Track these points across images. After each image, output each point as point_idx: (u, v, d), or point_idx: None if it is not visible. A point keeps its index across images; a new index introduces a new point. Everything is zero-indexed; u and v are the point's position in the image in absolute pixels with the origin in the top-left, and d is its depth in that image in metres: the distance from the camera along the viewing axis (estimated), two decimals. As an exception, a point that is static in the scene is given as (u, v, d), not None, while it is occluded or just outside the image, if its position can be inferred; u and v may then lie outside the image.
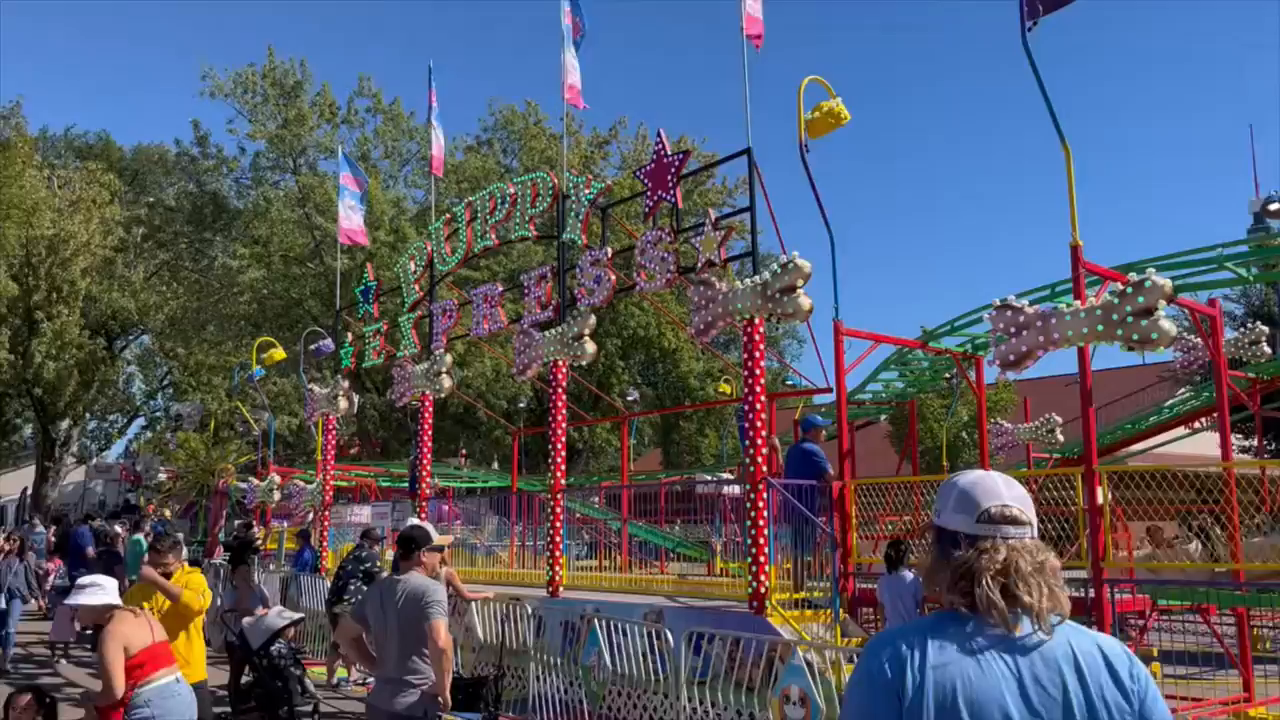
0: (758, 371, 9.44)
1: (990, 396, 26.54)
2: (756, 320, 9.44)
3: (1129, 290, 7.80)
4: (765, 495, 9.16)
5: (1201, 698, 9.15)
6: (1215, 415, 24.33)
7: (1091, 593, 8.14)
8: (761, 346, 9.52)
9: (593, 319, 11.52)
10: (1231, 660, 9.49)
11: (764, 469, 9.26)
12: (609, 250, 11.44)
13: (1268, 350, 17.96)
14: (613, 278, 11.29)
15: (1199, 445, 26.35)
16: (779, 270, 9.15)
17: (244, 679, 10.11)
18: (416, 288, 15.07)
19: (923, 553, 9.61)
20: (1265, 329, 18.14)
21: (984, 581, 1.91)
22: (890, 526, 11.97)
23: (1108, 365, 27.20)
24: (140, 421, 47.22)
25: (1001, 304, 8.64)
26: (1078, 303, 8.22)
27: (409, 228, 31.02)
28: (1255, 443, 23.38)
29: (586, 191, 11.84)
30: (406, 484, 18.48)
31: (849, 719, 1.98)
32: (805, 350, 43.94)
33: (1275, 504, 13.64)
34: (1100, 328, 7.90)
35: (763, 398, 9.41)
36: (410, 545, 5.63)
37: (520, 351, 12.38)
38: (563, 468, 11.86)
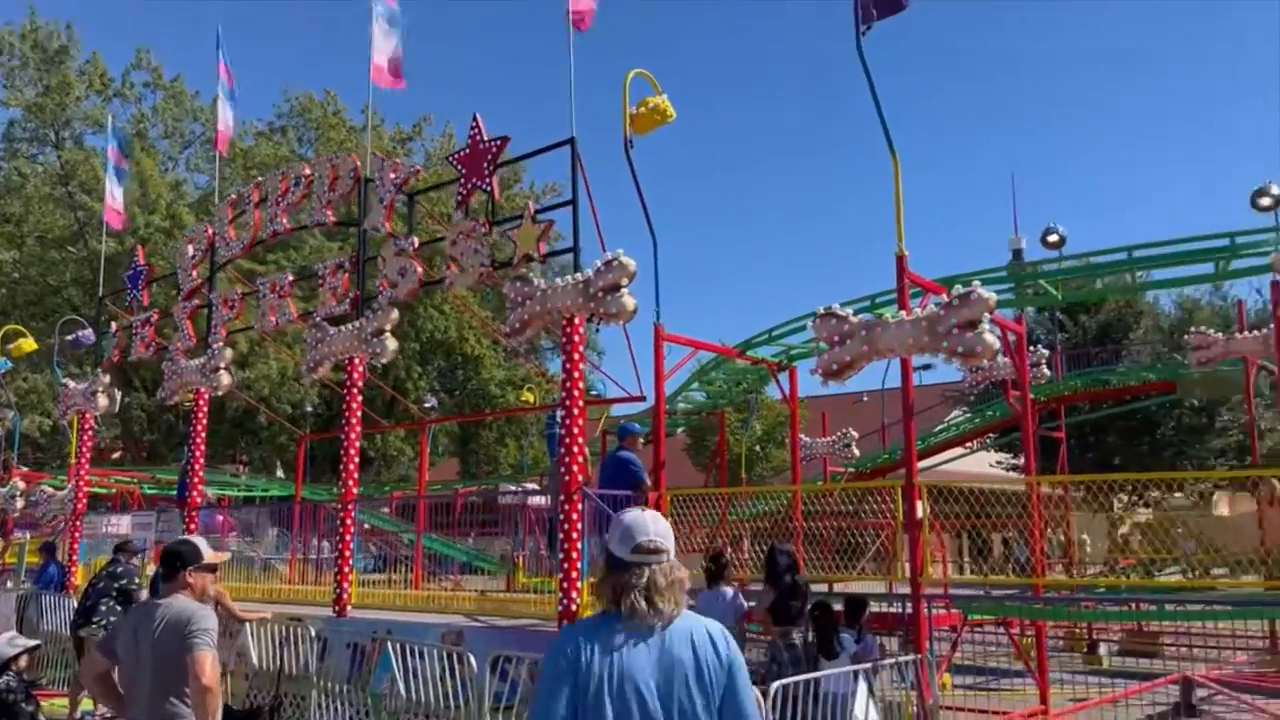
0: (576, 374, 8.85)
1: (785, 410, 27.14)
2: (577, 320, 8.87)
3: (954, 302, 7.76)
4: (580, 506, 8.59)
5: (1004, 711, 9.27)
6: (990, 435, 25.94)
7: (909, 608, 8.02)
8: (581, 348, 8.95)
9: (395, 314, 10.61)
10: (1030, 671, 9.69)
11: (580, 478, 8.68)
12: (415, 240, 10.57)
13: (1046, 372, 19.10)
14: (419, 270, 10.44)
15: (975, 463, 27.96)
16: (603, 267, 8.62)
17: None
18: (194, 274, 13.61)
19: (738, 567, 9.32)
20: (1045, 352, 19.31)
21: (633, 595, 2.78)
22: (700, 540, 11.68)
23: (894, 384, 28.40)
24: None
25: (825, 312, 8.46)
26: (902, 313, 8.14)
27: (188, 214, 28.59)
28: (1024, 461, 24.84)
29: (393, 176, 10.93)
30: (175, 491, 16.72)
31: (543, 685, 2.79)
32: (609, 362, 43.83)
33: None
34: (925, 339, 7.82)
35: (581, 402, 8.84)
36: (175, 562, 4.68)
37: (312, 347, 11.28)
38: (355, 475, 10.85)
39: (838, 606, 7.85)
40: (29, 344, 20.24)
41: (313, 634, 9.30)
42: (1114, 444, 28.69)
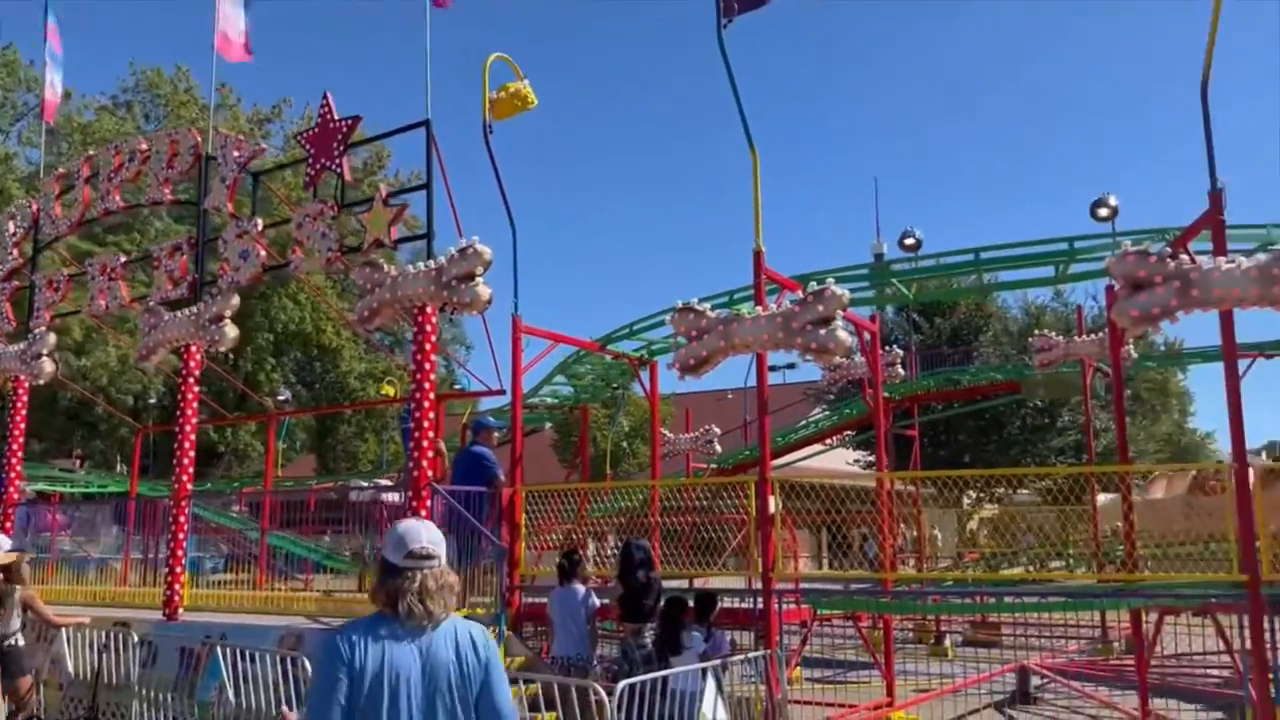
0: (427, 365, 8.53)
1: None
2: (429, 309, 8.54)
3: (808, 299, 7.78)
4: (429, 502, 8.27)
5: (852, 704, 9.39)
6: (847, 433, 26.59)
7: (760, 603, 8.01)
8: (433, 338, 8.62)
9: (236, 299, 10.04)
10: (877, 664, 9.86)
11: (429, 473, 8.37)
12: (259, 222, 10.01)
13: (901, 372, 19.64)
14: (263, 253, 9.89)
15: (833, 460, 28.63)
16: (457, 255, 8.32)
17: None
18: (15, 253, 12.60)
19: (600, 563, 9.16)
20: (900, 352, 19.85)
21: (407, 599, 3.01)
22: (557, 537, 11.48)
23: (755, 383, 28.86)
24: None
25: (684, 307, 8.37)
26: (759, 309, 8.12)
27: (17, 189, 26.64)
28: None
29: (236, 154, 10.33)
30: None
31: (318, 685, 2.95)
32: (473, 355, 43.13)
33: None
34: (780, 335, 7.81)
35: (431, 394, 8.51)
36: None
37: (145, 333, 10.58)
38: (190, 469, 10.22)
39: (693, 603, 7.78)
40: None
41: (135, 639, 8.68)
42: (964, 442, 29.84)
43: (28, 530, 13.07)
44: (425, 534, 3.12)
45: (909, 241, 20.58)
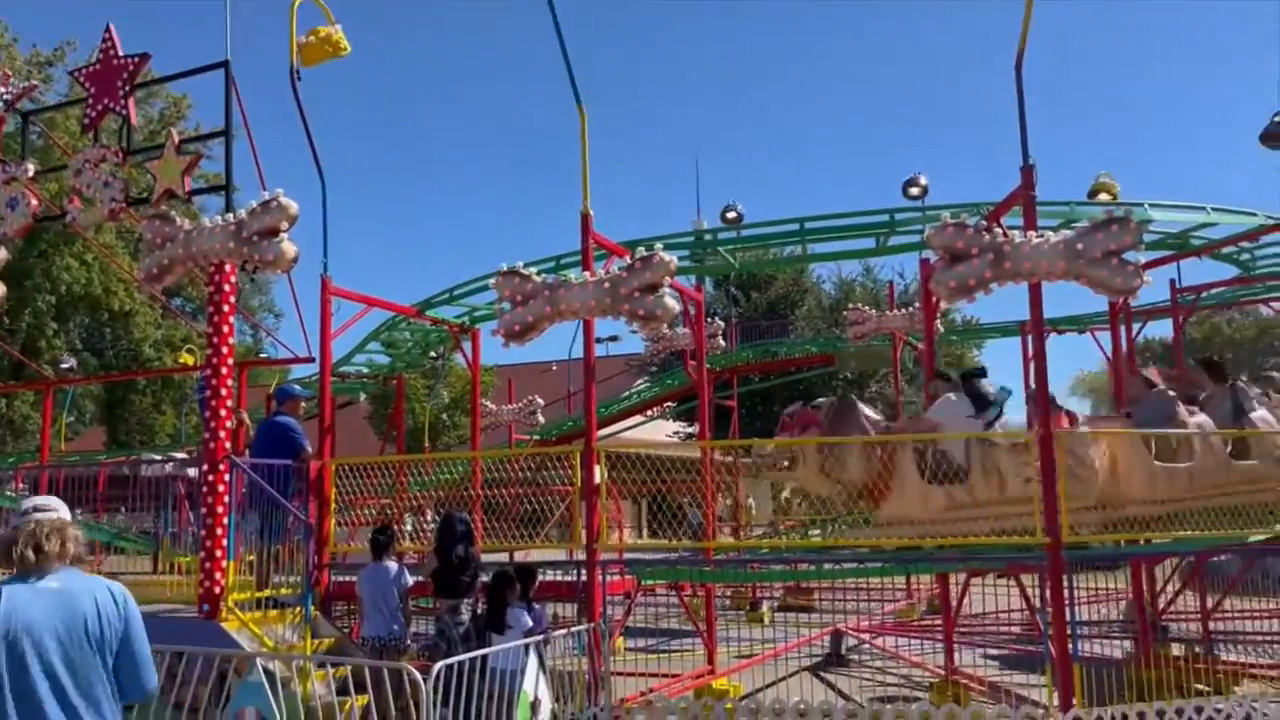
0: (225, 328, 7.84)
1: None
2: (228, 266, 7.84)
3: (636, 265, 7.60)
4: (227, 476, 7.63)
5: (675, 673, 9.36)
6: (669, 404, 26.86)
7: (584, 575, 7.82)
8: (232, 299, 7.93)
9: (3, 253, 8.98)
10: (699, 632, 9.87)
11: (226, 445, 7.71)
12: (30, 167, 8.97)
13: (721, 343, 19.89)
14: (35, 202, 8.87)
15: (654, 431, 28.87)
16: (258, 208, 7.66)
17: None
18: None
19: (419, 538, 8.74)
20: (721, 323, 20.10)
21: (19, 545, 3.20)
22: (371, 512, 10.95)
23: (580, 354, 28.75)
24: None
25: (508, 270, 8.03)
26: (586, 274, 7.88)
27: None
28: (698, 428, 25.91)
29: (2, 90, 9.21)
30: None
31: None
32: (282, 324, 41.14)
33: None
34: (608, 300, 7.61)
35: (230, 359, 7.83)
36: None
37: (-108, 288, 9.33)
38: (-52, 443, 9.12)
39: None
40: None
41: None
42: (779, 412, 30.69)
43: None
44: (40, 498, 3.53)
45: (731, 215, 20.75)
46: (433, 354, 18.07)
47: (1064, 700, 6.91)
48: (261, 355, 27.21)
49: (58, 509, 3.37)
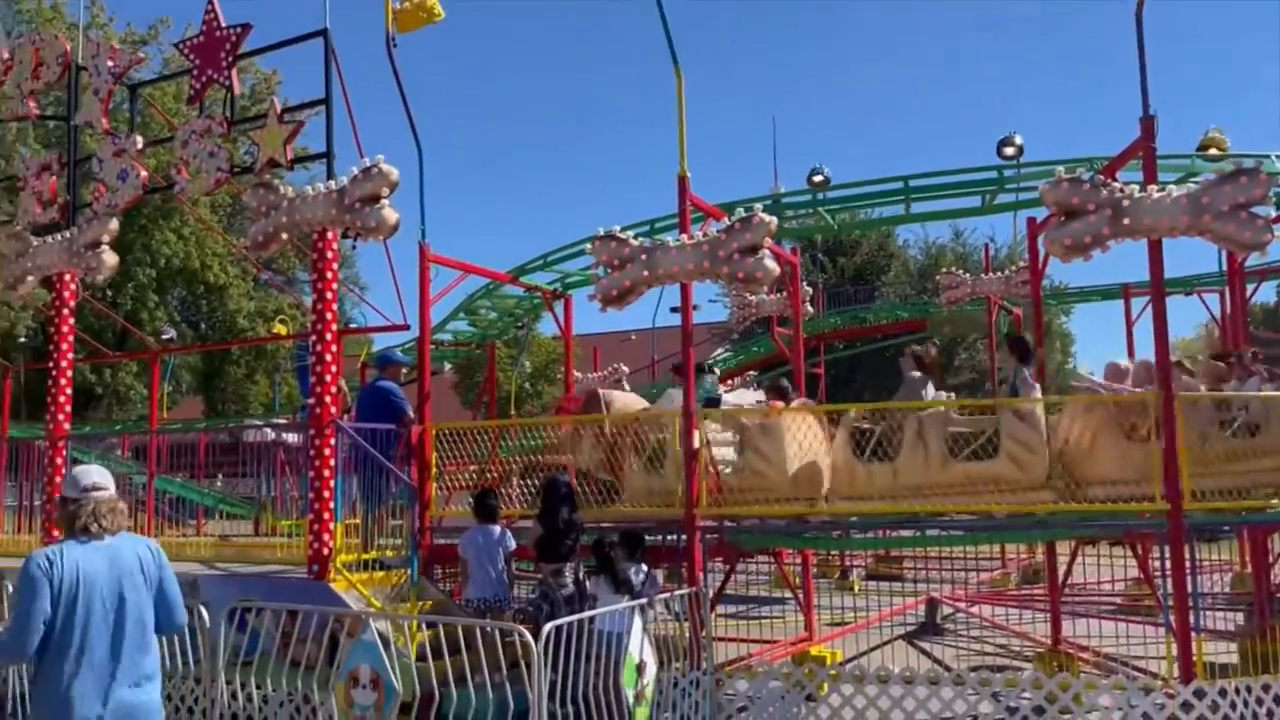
0: (329, 294, 7.96)
1: (558, 348, 26.75)
2: (330, 234, 7.95)
3: (735, 226, 7.48)
4: (334, 440, 7.77)
5: (773, 640, 9.32)
6: (751, 373, 26.68)
7: (684, 539, 7.79)
8: (335, 266, 8.05)
9: (114, 224, 9.24)
10: (796, 600, 9.80)
11: (331, 410, 7.85)
12: (139, 139, 9.19)
13: (809, 309, 19.62)
14: (143, 174, 9.09)
15: (736, 400, 28.69)
16: (360, 175, 7.74)
17: None
18: None
19: (506, 503, 8.79)
20: (809, 289, 19.82)
21: (81, 519, 4.06)
22: (470, 477, 11.06)
23: (664, 322, 28.68)
24: None
25: (605, 234, 7.98)
26: (684, 237, 7.79)
27: None
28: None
29: (111, 64, 9.43)
30: None
31: (26, 592, 3.84)
32: (371, 294, 41.75)
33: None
34: (706, 263, 7.52)
35: (334, 325, 7.95)
36: None
37: (12, 260, 9.69)
38: (66, 408, 9.46)
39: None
40: None
41: (9, 589, 7.99)
42: (864, 380, 30.29)
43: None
44: (95, 472, 4.21)
45: (818, 178, 20.39)
46: (518, 324, 18.17)
47: (1184, 672, 6.68)
48: (351, 325, 27.72)
49: (109, 487, 4.19)
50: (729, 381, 27.33)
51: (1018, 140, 14.68)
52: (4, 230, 10.00)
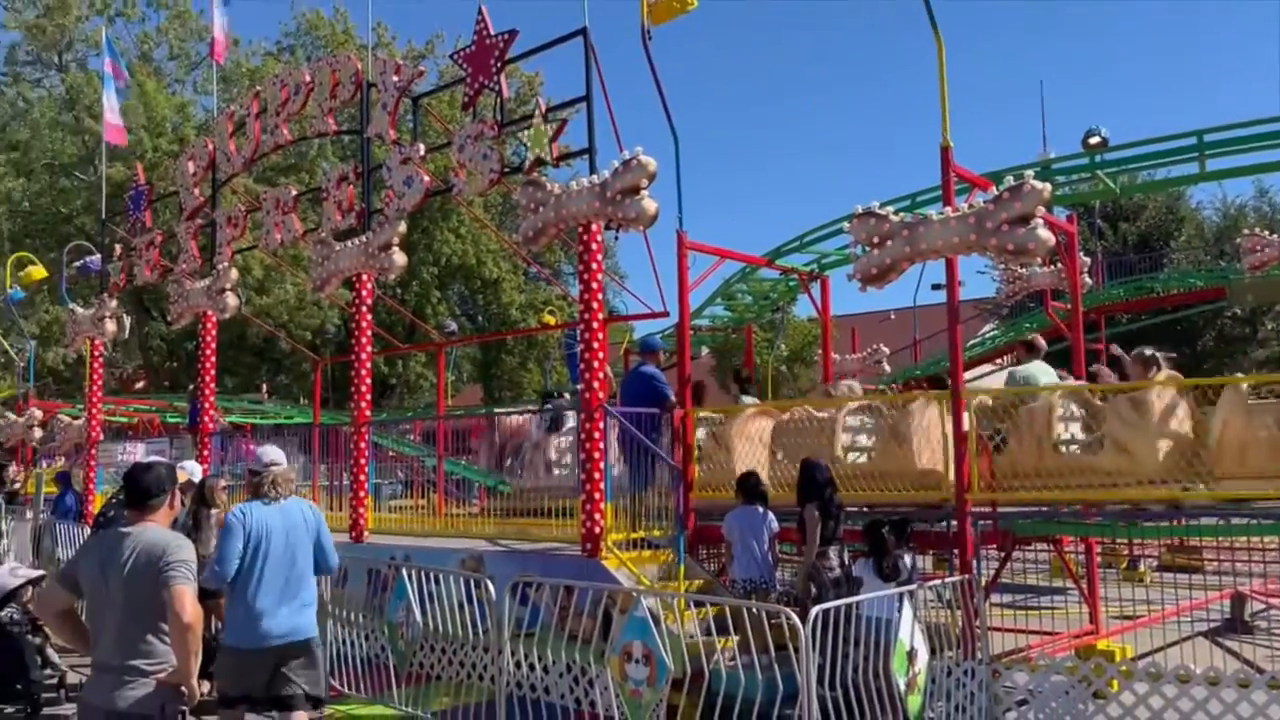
0: (594, 284, 8.28)
1: (814, 330, 26.47)
2: (594, 226, 8.26)
3: (1004, 195, 7.08)
4: (603, 424, 8.08)
5: (1055, 631, 8.81)
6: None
7: (954, 526, 7.50)
8: (600, 257, 8.37)
9: (402, 226, 10.04)
10: (1079, 590, 9.20)
11: (600, 395, 8.17)
12: (421, 147, 9.93)
13: (1088, 281, 18.27)
14: (426, 179, 9.82)
15: (1004, 379, 27.21)
16: (621, 168, 7.98)
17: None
18: (196, 193, 13.05)
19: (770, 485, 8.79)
20: (1086, 259, 18.47)
21: (266, 485, 5.47)
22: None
23: (925, 301, 27.70)
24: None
25: (864, 212, 7.78)
26: (947, 210, 7.46)
27: (194, 135, 27.90)
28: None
29: (395, 79, 10.24)
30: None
31: (223, 541, 5.33)
32: (630, 282, 43.06)
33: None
34: (973, 236, 7.14)
35: (600, 314, 8.27)
36: (145, 494, 4.18)
37: (317, 264, 10.76)
38: (368, 397, 10.42)
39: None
40: (38, 271, 19.86)
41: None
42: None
43: (224, 458, 13.67)
44: (272, 451, 5.70)
45: (1094, 140, 18.97)
46: (775, 306, 18.10)
47: None
48: (613, 314, 28.70)
49: (283, 462, 5.62)
50: (997, 360, 26.01)
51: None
52: (312, 237, 11.12)
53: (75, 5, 30.83)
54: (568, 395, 13.03)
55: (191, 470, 9.08)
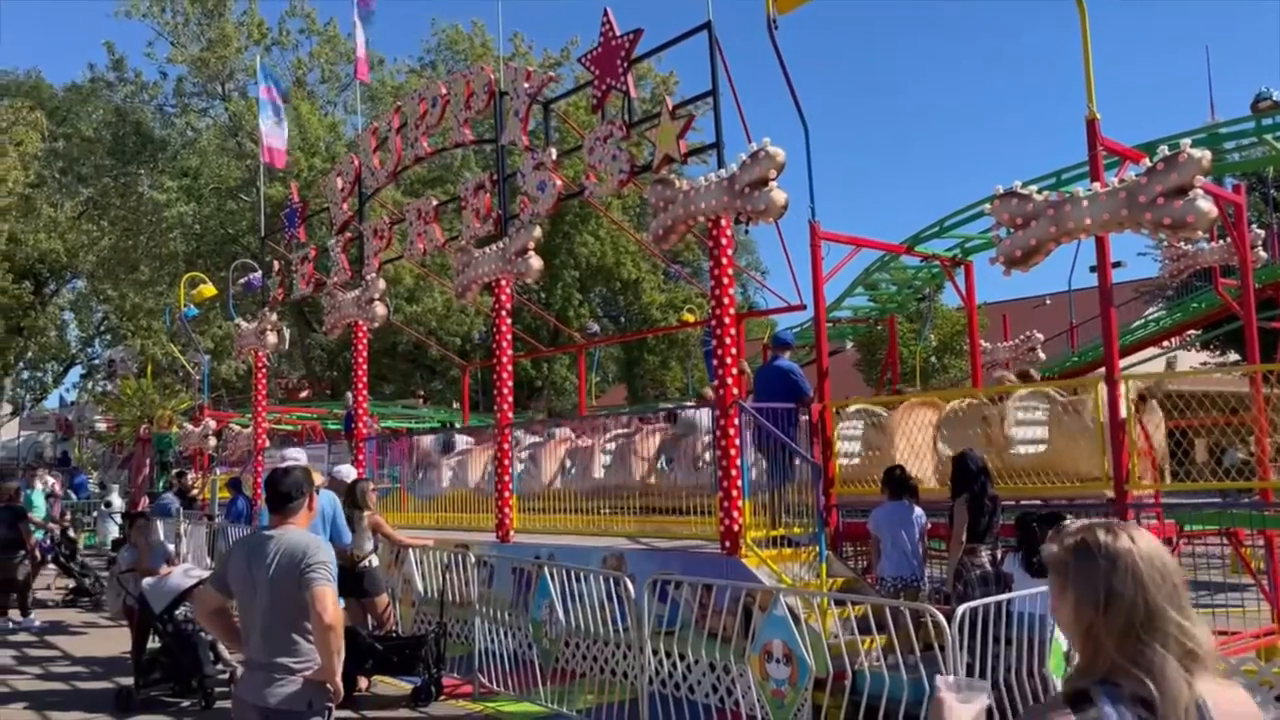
0: (725, 280, 8.21)
1: (962, 319, 25.55)
2: (723, 221, 8.19)
3: (1159, 166, 6.63)
4: (738, 420, 8.00)
5: (1233, 631, 8.21)
6: (1191, 333, 23.66)
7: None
8: (730, 252, 8.29)
9: (537, 231, 10.20)
10: (1262, 590, 8.55)
11: (735, 391, 8.08)
12: (553, 152, 10.08)
13: (1263, 255, 17.00)
14: (558, 183, 9.95)
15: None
16: (748, 160, 7.88)
17: (150, 646, 8.88)
18: (344, 208, 13.63)
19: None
20: (1260, 232, 17.19)
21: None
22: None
23: (1080, 284, 26.34)
24: (79, 370, 45.17)
25: (1006, 192, 7.44)
26: (1096, 185, 7.05)
27: (345, 151, 29.19)
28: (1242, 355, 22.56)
29: (526, 85, 10.42)
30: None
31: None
32: (769, 277, 42.69)
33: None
34: (1125, 212, 6.73)
35: (732, 309, 8.19)
36: (285, 498, 4.35)
37: (459, 271, 11.06)
38: (510, 398, 10.63)
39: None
40: (209, 289, 21.14)
41: (473, 560, 9.16)
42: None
43: (382, 463, 14.19)
44: (295, 451, 7.36)
45: (1264, 104, 17.65)
46: (919, 295, 17.57)
47: None
48: (752, 308, 28.49)
49: (303, 459, 7.10)
50: (1164, 343, 24.50)
51: None
52: (453, 245, 11.44)
53: (235, 38, 32.74)
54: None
55: (345, 474, 9.47)
